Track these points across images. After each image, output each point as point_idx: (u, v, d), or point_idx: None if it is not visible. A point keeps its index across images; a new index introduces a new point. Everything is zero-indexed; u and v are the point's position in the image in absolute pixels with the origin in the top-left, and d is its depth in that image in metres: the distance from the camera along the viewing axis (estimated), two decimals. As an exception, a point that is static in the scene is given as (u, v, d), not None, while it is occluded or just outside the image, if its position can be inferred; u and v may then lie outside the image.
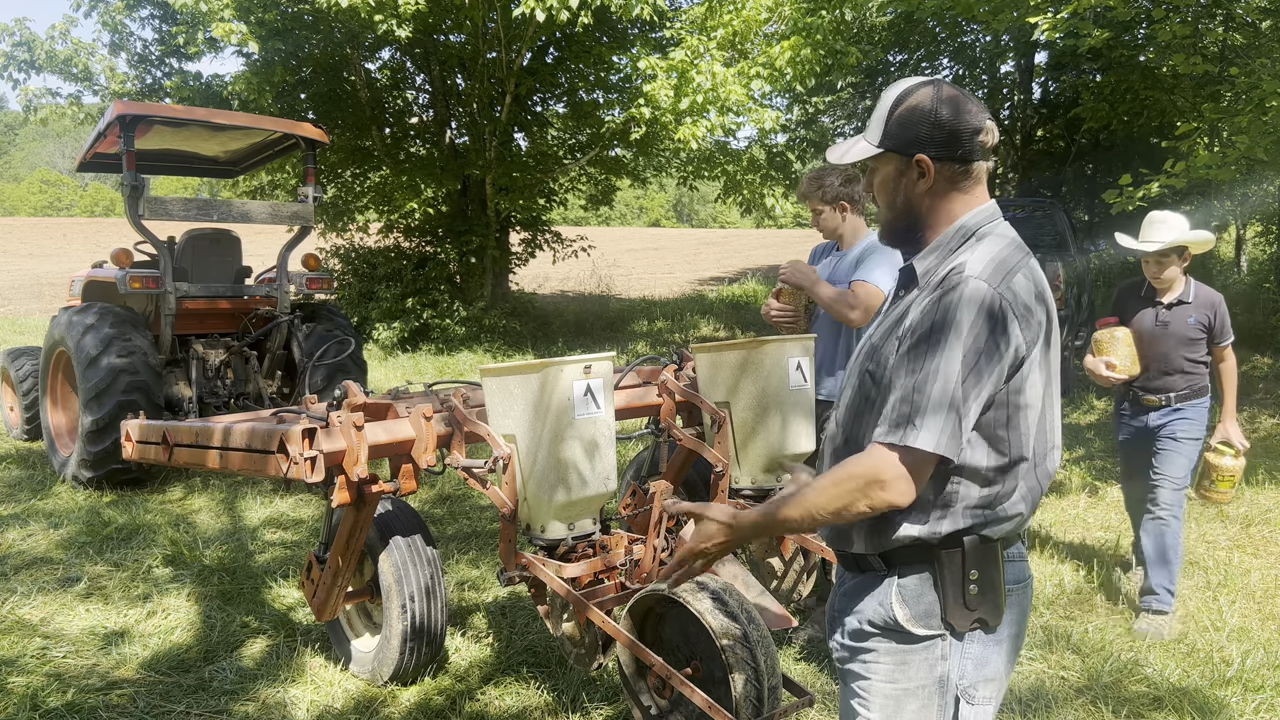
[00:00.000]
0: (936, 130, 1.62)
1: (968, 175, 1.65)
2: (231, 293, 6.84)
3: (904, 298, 1.67)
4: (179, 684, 3.47)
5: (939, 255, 1.64)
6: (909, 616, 1.60)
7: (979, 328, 1.49)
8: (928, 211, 1.67)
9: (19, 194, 60.24)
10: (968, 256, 1.57)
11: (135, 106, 6.44)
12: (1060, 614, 4.12)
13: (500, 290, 14.76)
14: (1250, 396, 8.92)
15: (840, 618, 1.72)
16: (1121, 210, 7.63)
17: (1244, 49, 10.78)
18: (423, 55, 13.82)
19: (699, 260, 29.25)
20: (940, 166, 1.63)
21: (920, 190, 1.66)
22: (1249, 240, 16.73)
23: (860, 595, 1.67)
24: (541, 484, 2.93)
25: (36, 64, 12.15)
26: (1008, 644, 1.67)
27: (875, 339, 1.67)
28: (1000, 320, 1.50)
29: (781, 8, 11.28)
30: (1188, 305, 4.17)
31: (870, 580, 1.66)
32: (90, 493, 6.10)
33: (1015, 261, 1.58)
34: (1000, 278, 1.53)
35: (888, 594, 1.62)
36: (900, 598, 1.61)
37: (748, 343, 3.49)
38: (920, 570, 1.60)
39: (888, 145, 1.65)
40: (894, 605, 1.61)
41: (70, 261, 23.51)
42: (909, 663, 1.61)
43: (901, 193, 1.68)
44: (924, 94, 1.62)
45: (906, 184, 1.67)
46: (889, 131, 1.65)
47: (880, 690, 1.64)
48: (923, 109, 1.62)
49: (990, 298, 1.50)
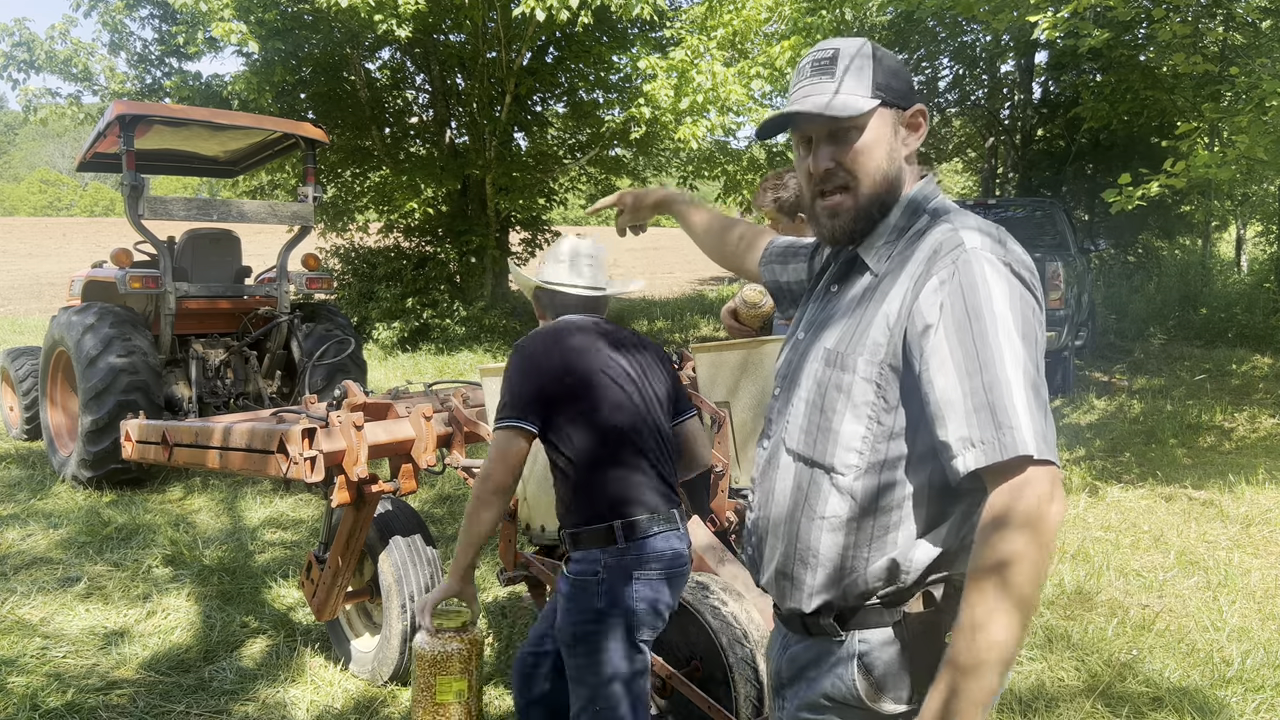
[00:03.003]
0: (912, 83, 1.41)
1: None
2: (231, 292, 6.84)
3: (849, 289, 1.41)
4: (179, 684, 3.47)
5: (890, 237, 1.38)
6: (873, 692, 1.30)
7: (1019, 304, 1.23)
8: (904, 180, 1.41)
9: (19, 194, 60.24)
10: (945, 226, 1.32)
11: (135, 106, 6.45)
12: (1060, 614, 4.12)
13: (500, 290, 14.76)
14: (1250, 396, 8.92)
15: (788, 685, 1.44)
16: (1121, 210, 7.63)
17: (1244, 49, 10.79)
18: (423, 55, 13.82)
19: (699, 260, 29.22)
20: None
21: (910, 150, 1.41)
22: (1249, 240, 16.74)
23: (812, 661, 1.39)
24: (541, 484, 2.93)
25: (36, 64, 12.16)
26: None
27: (832, 344, 1.37)
28: (1029, 292, 1.26)
29: (781, 7, 11.28)
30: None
31: (824, 646, 1.37)
32: (90, 493, 6.10)
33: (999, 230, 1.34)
34: (1003, 248, 1.28)
35: (847, 666, 1.33)
36: (863, 669, 1.31)
37: (748, 343, 3.49)
38: (886, 630, 1.30)
39: (883, 97, 1.35)
40: (855, 680, 1.32)
41: (70, 261, 23.51)
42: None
43: (895, 157, 1.39)
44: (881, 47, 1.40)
45: (898, 145, 1.39)
46: (879, 81, 1.35)
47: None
48: (895, 58, 1.40)
49: (1009, 275, 1.25)
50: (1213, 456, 7.06)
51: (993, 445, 1.16)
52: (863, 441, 1.31)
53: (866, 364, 1.31)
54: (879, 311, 1.31)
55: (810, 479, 1.36)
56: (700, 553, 3.06)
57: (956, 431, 1.19)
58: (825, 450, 1.34)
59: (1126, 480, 6.41)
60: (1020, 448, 1.14)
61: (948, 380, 1.21)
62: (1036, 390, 1.18)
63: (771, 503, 1.42)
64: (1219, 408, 8.32)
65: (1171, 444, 7.39)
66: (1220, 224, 16.74)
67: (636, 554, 2.20)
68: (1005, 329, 1.19)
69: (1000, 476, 1.16)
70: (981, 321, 1.20)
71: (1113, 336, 12.16)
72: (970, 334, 1.20)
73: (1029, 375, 1.18)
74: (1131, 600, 4.29)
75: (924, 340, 1.24)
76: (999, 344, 1.18)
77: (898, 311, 1.29)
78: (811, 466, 1.36)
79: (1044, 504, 1.14)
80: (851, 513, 1.32)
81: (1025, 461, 1.14)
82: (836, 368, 1.34)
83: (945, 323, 1.22)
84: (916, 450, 1.29)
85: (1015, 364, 1.18)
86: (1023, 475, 1.14)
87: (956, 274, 1.24)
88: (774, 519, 1.42)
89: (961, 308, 1.22)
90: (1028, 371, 1.18)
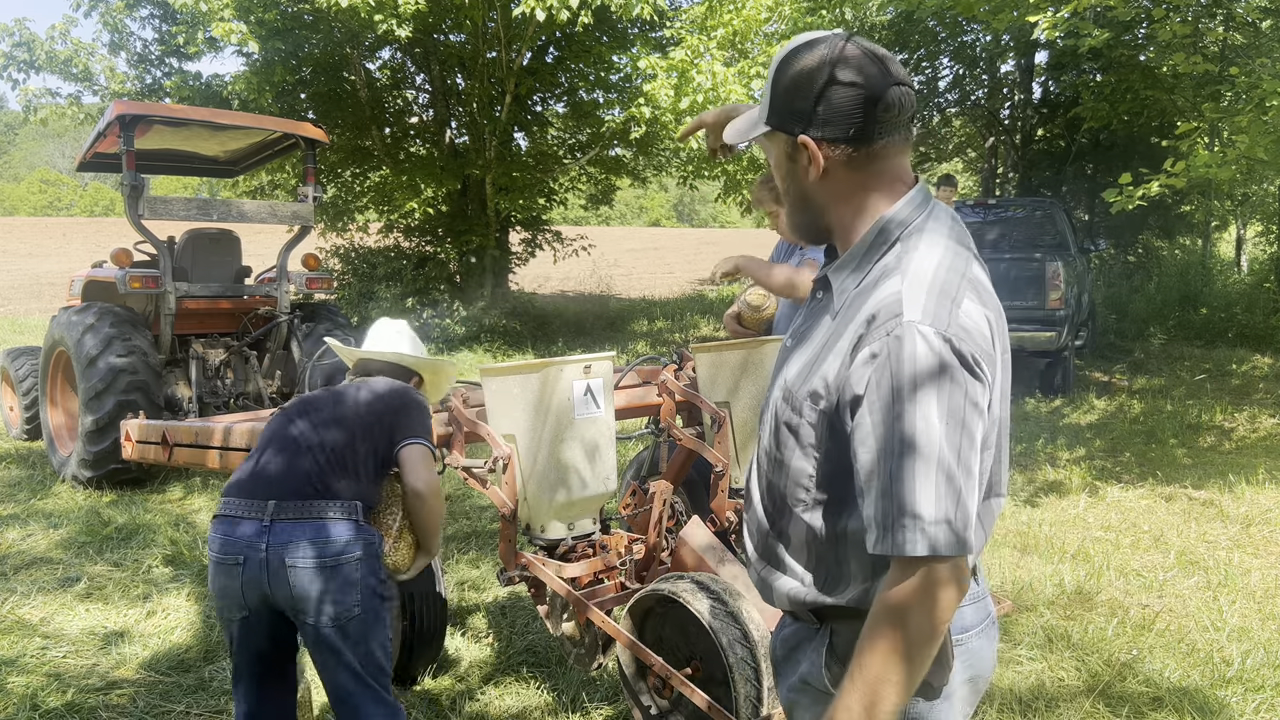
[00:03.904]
0: (824, 103, 1.28)
1: (870, 159, 1.31)
2: (231, 292, 6.84)
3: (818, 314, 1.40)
4: (179, 684, 3.47)
5: (856, 265, 1.34)
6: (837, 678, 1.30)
7: (947, 388, 1.18)
8: (830, 207, 1.35)
9: (19, 194, 60.24)
10: (898, 282, 1.25)
11: (135, 106, 6.45)
12: (1060, 614, 4.12)
13: (500, 290, 14.76)
14: (1250, 396, 8.92)
15: (781, 666, 1.51)
16: (1121, 210, 7.63)
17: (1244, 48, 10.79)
18: (423, 55, 13.82)
19: (699, 260, 29.24)
20: (832, 150, 1.30)
21: (812, 180, 1.33)
22: (1249, 240, 16.74)
23: (797, 646, 1.45)
24: (541, 484, 2.93)
25: (36, 64, 12.16)
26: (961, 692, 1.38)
27: (790, 379, 1.36)
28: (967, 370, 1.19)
29: (781, 7, 11.27)
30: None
31: (804, 631, 1.43)
32: (90, 493, 6.10)
33: (957, 280, 1.26)
34: (947, 316, 1.21)
35: (820, 652, 1.38)
36: (834, 658, 1.35)
37: (748, 343, 3.49)
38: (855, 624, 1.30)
39: (773, 122, 1.33)
40: (824, 668, 1.36)
41: (70, 261, 23.51)
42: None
43: (794, 182, 1.36)
44: (816, 54, 1.28)
45: (798, 171, 1.35)
46: (774, 104, 1.32)
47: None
48: (809, 73, 1.28)
49: (945, 352, 1.18)
50: (1213, 456, 7.06)
51: (888, 536, 1.18)
52: (809, 479, 1.33)
53: (810, 409, 1.31)
54: (829, 357, 1.30)
55: (774, 503, 1.40)
56: (700, 553, 3.06)
57: (868, 510, 1.22)
58: (780, 481, 1.37)
59: (1126, 480, 6.41)
60: (909, 547, 1.16)
61: (868, 457, 1.21)
62: (949, 480, 1.17)
63: (752, 509, 1.47)
64: (1219, 408, 8.32)
65: (1171, 444, 7.39)
66: (1220, 224, 16.75)
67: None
68: (924, 415, 1.17)
69: (895, 562, 1.20)
70: (901, 404, 1.18)
71: (1113, 336, 12.17)
72: (890, 416, 1.19)
73: (943, 464, 1.16)
74: (1131, 600, 4.29)
75: (854, 409, 1.24)
76: (914, 431, 1.17)
77: (836, 372, 1.28)
78: (773, 489, 1.40)
79: (919, 598, 1.17)
80: (809, 538, 1.36)
81: (915, 560, 1.17)
82: (789, 405, 1.35)
83: (870, 399, 1.21)
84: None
85: (928, 454, 1.16)
86: (911, 569, 1.17)
87: (887, 350, 1.20)
88: (749, 523, 1.48)
89: (887, 388, 1.19)
90: (942, 460, 1.16)
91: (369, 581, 2.39)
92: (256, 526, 2.34)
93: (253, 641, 2.44)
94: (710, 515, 3.53)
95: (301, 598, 2.32)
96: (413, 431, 2.56)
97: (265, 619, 2.40)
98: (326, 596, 2.32)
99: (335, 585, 2.33)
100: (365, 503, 2.47)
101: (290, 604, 2.34)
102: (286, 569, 2.30)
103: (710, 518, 3.51)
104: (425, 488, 2.52)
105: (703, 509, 3.70)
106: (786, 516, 1.38)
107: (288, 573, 2.30)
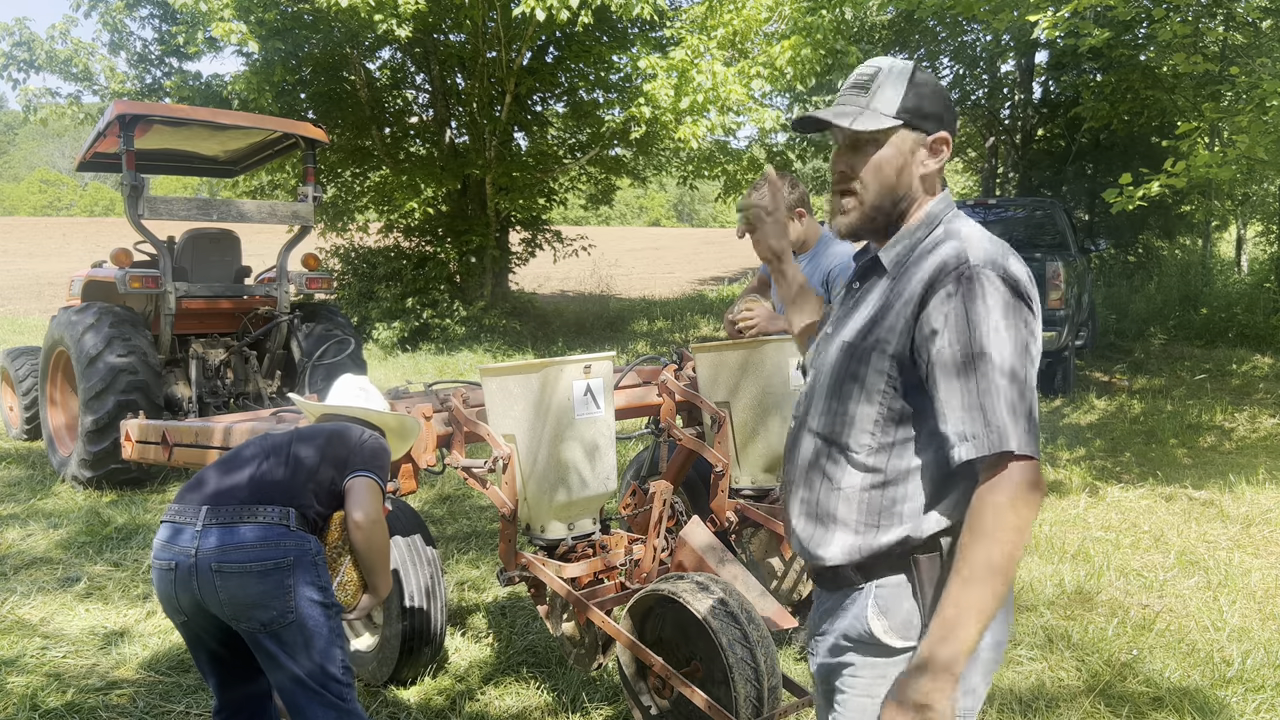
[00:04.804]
0: (949, 110, 1.57)
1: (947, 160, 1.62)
2: (231, 292, 6.84)
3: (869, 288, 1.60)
4: (179, 684, 3.47)
5: (907, 243, 1.56)
6: (886, 629, 1.50)
7: (1012, 317, 1.41)
8: (915, 196, 1.59)
9: (19, 194, 60.24)
10: (956, 243, 1.49)
11: (135, 106, 6.45)
12: (1060, 614, 4.12)
13: (500, 290, 14.76)
14: (1250, 396, 8.92)
15: (818, 635, 1.65)
16: (1121, 210, 7.63)
17: (1244, 48, 10.80)
18: (423, 55, 13.82)
19: (699, 260, 29.25)
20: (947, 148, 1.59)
21: (924, 172, 1.58)
22: (1249, 240, 16.74)
23: (837, 611, 1.59)
24: (541, 484, 2.93)
25: (36, 64, 12.16)
26: (986, 654, 1.52)
27: (849, 338, 1.55)
28: (1025, 305, 1.44)
29: (781, 7, 11.27)
30: None
31: (846, 595, 1.57)
32: (90, 492, 6.10)
33: (1001, 244, 1.52)
34: (1003, 263, 1.46)
35: (864, 606, 1.53)
36: (877, 609, 1.51)
37: (748, 343, 3.49)
38: (897, 576, 1.51)
39: (905, 119, 1.54)
40: (870, 618, 1.51)
41: (70, 261, 23.51)
42: (887, 676, 1.50)
43: (906, 174, 1.57)
44: (926, 73, 1.58)
45: (914, 164, 1.57)
46: (906, 105, 1.54)
47: (857, 705, 1.54)
48: (935, 85, 1.56)
49: (1010, 284, 1.43)
50: (1213, 456, 7.06)
51: (982, 441, 1.38)
52: (874, 424, 1.51)
53: (879, 356, 1.50)
54: (891, 311, 1.50)
55: (829, 455, 1.56)
56: (700, 553, 3.06)
57: (954, 427, 1.41)
58: (842, 431, 1.54)
59: (1126, 480, 6.41)
60: (1002, 443, 1.37)
61: (949, 382, 1.42)
62: (1022, 394, 1.39)
63: (796, 474, 1.63)
64: (1219, 408, 8.32)
65: (1171, 444, 7.39)
66: (1220, 224, 16.75)
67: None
68: (998, 340, 1.40)
69: (988, 467, 1.39)
70: (979, 331, 1.40)
71: (1113, 336, 12.16)
72: (969, 343, 1.40)
73: (1016, 381, 1.39)
74: (1131, 600, 4.29)
75: (931, 343, 1.44)
76: (992, 353, 1.39)
77: (908, 315, 1.47)
78: (830, 444, 1.56)
79: (1019, 491, 1.37)
80: (865, 485, 1.52)
81: (1007, 456, 1.37)
82: (853, 358, 1.53)
83: (948, 329, 1.42)
84: (922, 433, 1.49)
85: (1004, 371, 1.39)
86: (1006, 468, 1.37)
87: (961, 288, 1.43)
88: (797, 490, 1.62)
89: (964, 319, 1.41)
90: (1015, 377, 1.39)
91: (303, 589, 2.33)
92: (190, 532, 2.32)
93: (202, 643, 2.43)
94: (710, 515, 3.53)
95: (230, 602, 2.28)
96: (365, 465, 2.52)
97: (205, 622, 2.37)
98: (258, 601, 2.28)
99: (266, 590, 2.29)
100: (300, 511, 2.43)
101: (221, 609, 2.30)
102: (214, 573, 2.27)
103: (710, 518, 3.51)
104: (363, 518, 2.46)
105: (703, 509, 3.70)
106: (841, 470, 1.54)
107: (214, 577, 2.27)
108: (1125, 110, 12.49)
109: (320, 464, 2.50)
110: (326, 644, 2.37)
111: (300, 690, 2.35)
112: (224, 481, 2.42)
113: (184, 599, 2.33)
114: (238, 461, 2.50)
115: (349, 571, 2.58)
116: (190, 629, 2.41)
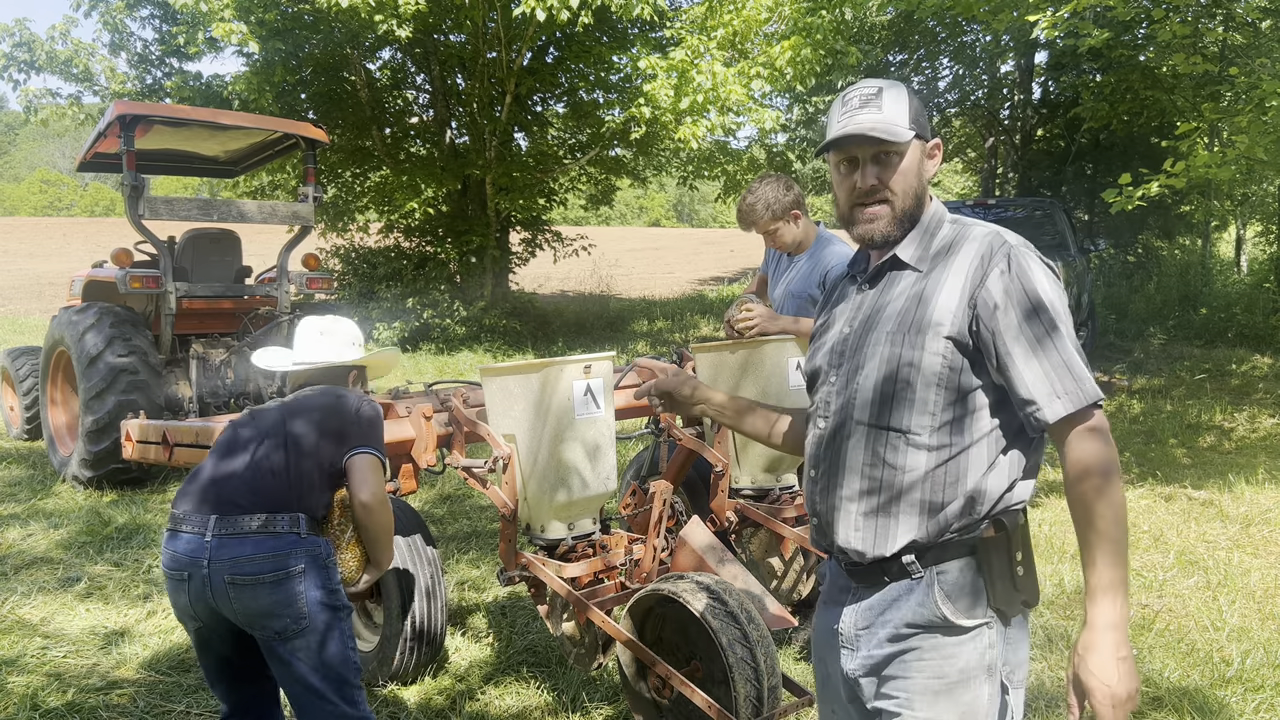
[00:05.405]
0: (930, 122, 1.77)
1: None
2: (232, 292, 6.84)
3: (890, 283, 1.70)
4: (179, 684, 3.47)
5: (924, 239, 1.70)
6: (955, 610, 1.56)
7: (1056, 284, 1.58)
8: (925, 199, 1.75)
9: (19, 194, 60.23)
10: (983, 228, 1.66)
11: (135, 106, 6.45)
12: (1060, 614, 4.12)
13: (500, 290, 14.76)
14: (1250, 396, 8.92)
15: (864, 632, 1.65)
16: (1121, 210, 7.63)
17: (1244, 49, 10.79)
18: (423, 55, 13.82)
19: (699, 260, 29.25)
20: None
21: (928, 176, 1.74)
22: (1249, 240, 16.73)
23: (890, 603, 1.61)
24: (542, 484, 2.93)
25: (37, 64, 12.16)
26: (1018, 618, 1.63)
27: (892, 327, 1.63)
28: (1059, 281, 1.61)
29: (781, 7, 11.28)
30: None
31: (901, 587, 1.61)
32: (90, 492, 6.10)
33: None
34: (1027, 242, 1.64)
35: (929, 593, 1.57)
36: (944, 593, 1.57)
37: (748, 343, 3.49)
38: (962, 559, 1.57)
39: (916, 132, 1.69)
40: (939, 602, 1.56)
41: (70, 261, 23.51)
42: (956, 655, 1.56)
43: (921, 180, 1.73)
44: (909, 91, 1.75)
45: (929, 169, 1.74)
46: (913, 118, 1.69)
47: (925, 688, 1.58)
48: (919, 101, 1.74)
49: (1041, 259, 1.61)
50: (1212, 456, 7.06)
51: (1075, 395, 1.51)
52: (934, 404, 1.58)
53: (933, 338, 1.58)
54: (938, 296, 1.60)
55: (887, 442, 1.61)
56: (700, 552, 3.06)
57: (1040, 388, 1.52)
58: (900, 416, 1.60)
59: (1126, 480, 6.42)
60: (1094, 395, 1.53)
61: (1024, 349, 1.53)
62: (1078, 351, 1.55)
63: (844, 471, 1.66)
64: (1219, 408, 8.32)
65: (1171, 444, 7.40)
66: (1220, 224, 16.73)
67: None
68: (1059, 305, 1.55)
69: (1079, 417, 1.53)
70: (1040, 300, 1.54)
71: (1113, 336, 12.16)
72: (1034, 311, 1.54)
73: (1074, 339, 1.55)
74: (1131, 600, 4.29)
75: (995, 317, 1.55)
76: (1056, 318, 1.54)
77: (961, 295, 1.58)
78: (887, 431, 1.61)
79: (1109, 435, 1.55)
80: (929, 465, 1.58)
81: (1095, 405, 1.53)
82: (904, 345, 1.60)
83: (1012, 304, 1.55)
84: (979, 405, 1.58)
85: (1068, 333, 1.54)
86: (1095, 413, 1.53)
87: (1014, 265, 1.57)
88: (848, 484, 1.65)
89: (1022, 291, 1.55)
90: (1073, 336, 1.55)
91: (315, 594, 2.35)
92: (199, 541, 2.32)
93: (214, 648, 2.44)
94: (710, 515, 3.53)
95: (245, 612, 2.30)
96: (362, 440, 2.51)
97: (220, 629, 2.39)
98: (272, 611, 2.30)
99: (279, 599, 2.30)
100: (310, 514, 2.43)
101: (236, 617, 2.32)
102: (228, 585, 2.28)
103: (710, 518, 3.52)
104: (370, 498, 2.47)
105: (703, 509, 3.71)
106: (902, 455, 1.60)
107: (229, 589, 2.28)
108: (1125, 110, 12.48)
109: (319, 442, 2.49)
110: (338, 647, 2.39)
111: (311, 695, 2.36)
112: (231, 487, 2.40)
113: (198, 607, 2.35)
114: (235, 447, 2.48)
115: (351, 548, 2.59)
116: (203, 634, 2.42)
